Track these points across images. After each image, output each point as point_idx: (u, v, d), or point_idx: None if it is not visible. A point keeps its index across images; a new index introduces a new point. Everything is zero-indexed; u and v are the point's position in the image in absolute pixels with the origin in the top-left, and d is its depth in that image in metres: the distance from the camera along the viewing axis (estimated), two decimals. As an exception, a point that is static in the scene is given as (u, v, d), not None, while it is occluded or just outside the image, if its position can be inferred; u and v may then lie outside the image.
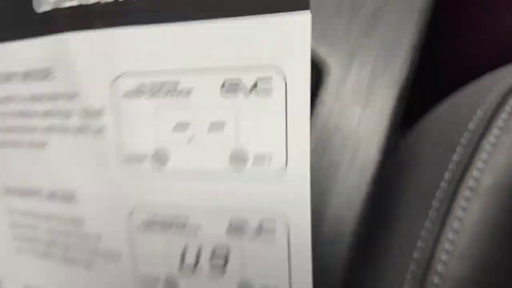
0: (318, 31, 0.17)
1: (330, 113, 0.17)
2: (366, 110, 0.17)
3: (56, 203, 0.15)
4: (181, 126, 0.12)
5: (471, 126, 0.16)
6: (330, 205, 0.16)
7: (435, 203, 0.16)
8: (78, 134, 0.13)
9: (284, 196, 0.12)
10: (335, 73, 0.17)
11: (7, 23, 0.13)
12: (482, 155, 0.16)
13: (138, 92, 0.12)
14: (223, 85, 0.11)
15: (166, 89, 0.12)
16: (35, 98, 0.14)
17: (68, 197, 0.14)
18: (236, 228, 0.12)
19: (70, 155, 0.14)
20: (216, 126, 0.12)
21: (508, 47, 0.22)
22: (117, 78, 0.12)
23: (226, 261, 0.13)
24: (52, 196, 0.15)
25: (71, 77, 0.13)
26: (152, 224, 0.13)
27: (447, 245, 0.15)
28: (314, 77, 0.13)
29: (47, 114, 0.14)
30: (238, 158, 0.12)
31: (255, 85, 0.11)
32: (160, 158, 0.12)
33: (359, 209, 0.17)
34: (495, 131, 0.16)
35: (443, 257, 0.15)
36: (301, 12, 0.11)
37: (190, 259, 0.13)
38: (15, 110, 0.14)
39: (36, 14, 0.13)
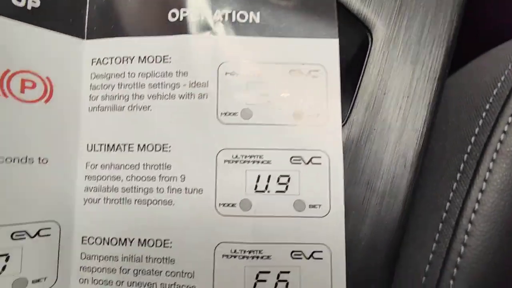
0: (365, -9, 0.16)
1: (381, 73, 0.18)
2: (416, 68, 0.18)
3: (145, 153, 0.19)
4: None
5: (495, 91, 0.17)
6: (384, 166, 0.18)
7: (462, 165, 0.17)
8: (183, 99, 0.19)
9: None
10: (383, 32, 0.18)
11: (148, 25, 0.20)
12: (507, 118, 0.16)
13: (234, 74, 0.19)
14: (290, 72, 0.19)
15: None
16: (146, 75, 0.19)
17: (160, 148, 0.19)
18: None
19: (170, 115, 0.19)
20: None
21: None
22: (220, 64, 0.19)
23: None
24: (143, 148, 0.19)
25: (184, 62, 0.19)
26: (234, 162, 0.19)
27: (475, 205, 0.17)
28: (362, 39, 0.18)
29: (154, 86, 0.19)
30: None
31: (309, 72, 0.19)
32: (245, 115, 0.19)
33: (413, 168, 0.18)
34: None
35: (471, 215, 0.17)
36: (334, 39, 0.20)
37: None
38: (129, 83, 0.19)
39: (169, 22, 0.19)
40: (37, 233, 0.18)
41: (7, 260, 0.17)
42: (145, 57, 0.19)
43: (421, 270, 0.21)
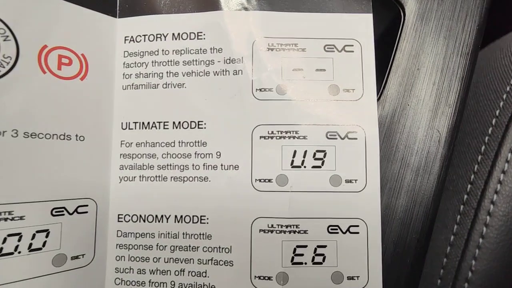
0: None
1: (414, 48, 0.18)
2: (449, 43, 0.18)
3: (181, 130, 0.19)
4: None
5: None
6: (418, 141, 0.18)
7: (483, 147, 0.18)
8: (218, 76, 0.19)
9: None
10: (415, 8, 0.18)
11: (181, 2, 0.19)
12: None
13: (269, 49, 0.19)
14: (324, 47, 0.19)
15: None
16: (180, 52, 0.19)
17: (195, 125, 0.19)
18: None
19: (205, 92, 0.19)
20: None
21: None
22: (254, 40, 0.19)
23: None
24: (178, 125, 0.19)
25: (218, 39, 0.19)
26: (270, 138, 0.19)
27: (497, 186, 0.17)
28: (394, 15, 0.18)
29: (189, 63, 0.19)
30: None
31: (344, 47, 0.19)
32: (280, 91, 0.19)
33: (446, 143, 0.18)
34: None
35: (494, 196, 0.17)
36: (368, 14, 0.20)
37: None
38: (163, 60, 0.19)
39: (202, -3, 0.19)
40: (75, 210, 0.18)
41: (47, 236, 0.17)
42: (179, 34, 0.19)
43: (442, 252, 0.21)
